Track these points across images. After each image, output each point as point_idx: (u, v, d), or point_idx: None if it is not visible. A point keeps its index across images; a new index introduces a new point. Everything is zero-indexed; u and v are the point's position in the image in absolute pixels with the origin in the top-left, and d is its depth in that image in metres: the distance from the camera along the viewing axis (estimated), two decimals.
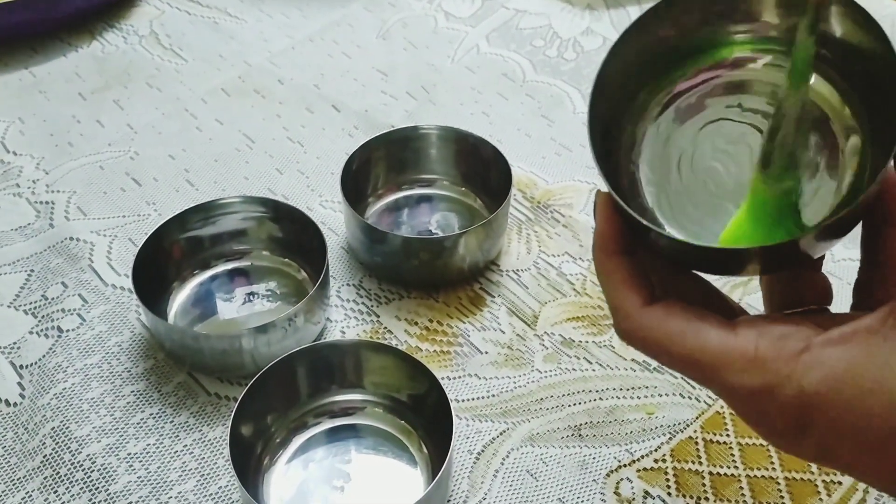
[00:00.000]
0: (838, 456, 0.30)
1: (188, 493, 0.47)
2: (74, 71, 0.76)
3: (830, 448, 0.30)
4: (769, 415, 0.31)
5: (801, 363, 0.30)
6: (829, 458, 0.31)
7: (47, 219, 0.62)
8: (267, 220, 0.58)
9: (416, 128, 0.63)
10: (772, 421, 0.31)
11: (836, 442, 0.30)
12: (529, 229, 0.62)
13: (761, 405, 0.31)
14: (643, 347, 0.34)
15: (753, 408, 0.31)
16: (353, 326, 0.56)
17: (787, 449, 0.32)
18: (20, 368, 0.53)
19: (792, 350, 0.30)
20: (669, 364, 0.34)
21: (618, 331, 0.35)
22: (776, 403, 0.30)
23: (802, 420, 0.30)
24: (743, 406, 0.32)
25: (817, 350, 0.30)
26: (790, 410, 0.30)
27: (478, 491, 0.48)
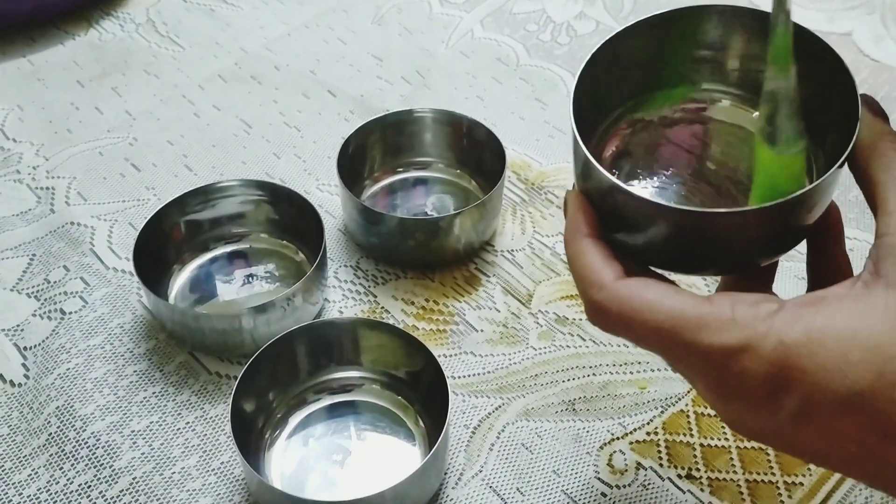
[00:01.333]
0: (815, 419, 0.29)
1: (191, 469, 0.48)
2: (72, 59, 0.76)
3: (808, 408, 0.29)
4: (746, 374, 0.30)
5: (779, 320, 0.30)
6: (804, 426, 0.30)
7: (48, 204, 0.63)
8: (265, 203, 0.59)
9: (411, 111, 0.63)
10: (749, 383, 0.30)
11: (816, 398, 0.29)
12: (524, 210, 0.63)
13: (740, 364, 0.30)
14: (618, 318, 0.33)
15: (729, 370, 0.30)
16: (350, 306, 0.57)
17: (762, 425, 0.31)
18: (24, 350, 0.54)
19: (768, 310, 0.30)
20: (643, 335, 0.32)
21: (592, 306, 0.34)
22: (755, 359, 0.29)
23: (782, 375, 0.29)
24: (718, 372, 0.31)
25: (792, 309, 0.30)
26: (769, 364, 0.29)
27: (474, 464, 0.49)
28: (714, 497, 0.47)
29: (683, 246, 0.35)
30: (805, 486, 0.48)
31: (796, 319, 0.29)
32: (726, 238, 0.34)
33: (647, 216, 0.34)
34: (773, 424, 0.30)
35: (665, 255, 0.36)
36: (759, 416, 0.31)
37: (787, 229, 0.35)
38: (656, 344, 0.32)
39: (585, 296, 0.34)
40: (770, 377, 0.29)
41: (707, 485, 0.48)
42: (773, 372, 0.29)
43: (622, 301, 0.32)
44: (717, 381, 0.31)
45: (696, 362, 0.31)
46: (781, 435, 0.31)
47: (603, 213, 0.36)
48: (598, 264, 0.34)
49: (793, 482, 0.48)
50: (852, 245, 0.59)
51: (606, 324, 0.34)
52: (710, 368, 0.31)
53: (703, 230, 0.34)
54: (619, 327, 0.33)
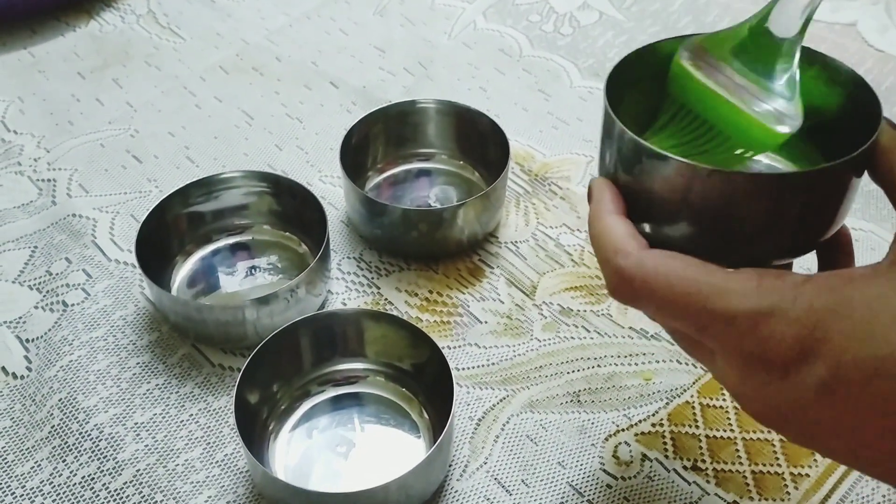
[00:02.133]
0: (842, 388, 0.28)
1: (195, 461, 0.48)
2: (73, 50, 0.76)
3: (837, 376, 0.28)
4: (774, 338, 0.29)
5: (807, 287, 0.29)
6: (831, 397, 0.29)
7: (49, 196, 0.63)
8: (268, 195, 0.58)
9: (414, 102, 0.63)
10: (775, 348, 0.29)
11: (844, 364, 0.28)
12: (527, 202, 0.63)
13: (768, 327, 0.29)
14: (642, 284, 0.32)
15: (756, 334, 0.30)
16: (354, 298, 0.56)
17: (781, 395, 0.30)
18: (26, 342, 0.54)
19: (795, 281, 0.30)
20: (667, 302, 0.32)
21: (616, 273, 0.33)
22: (783, 321, 0.29)
23: (810, 338, 0.29)
24: (744, 338, 0.30)
25: (820, 280, 0.30)
26: (798, 327, 0.29)
27: (479, 455, 0.48)
28: (720, 488, 0.47)
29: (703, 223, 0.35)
30: (811, 478, 0.47)
31: (825, 288, 0.29)
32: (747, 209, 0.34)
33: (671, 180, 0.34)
34: (796, 396, 0.30)
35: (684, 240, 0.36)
36: (783, 387, 0.30)
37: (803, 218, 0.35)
38: (681, 311, 0.32)
39: (610, 264, 0.34)
40: (799, 340, 0.29)
41: (713, 476, 0.48)
42: (802, 335, 0.29)
43: (647, 268, 0.32)
44: (742, 348, 0.30)
45: (721, 329, 0.31)
46: (803, 410, 0.30)
47: (626, 198, 0.36)
48: (624, 236, 0.34)
49: (799, 473, 0.48)
50: (857, 235, 0.59)
51: (630, 291, 0.33)
52: (735, 334, 0.30)
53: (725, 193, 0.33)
54: (642, 295, 0.33)
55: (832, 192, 0.35)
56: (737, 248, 0.36)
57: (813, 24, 0.37)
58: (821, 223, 0.36)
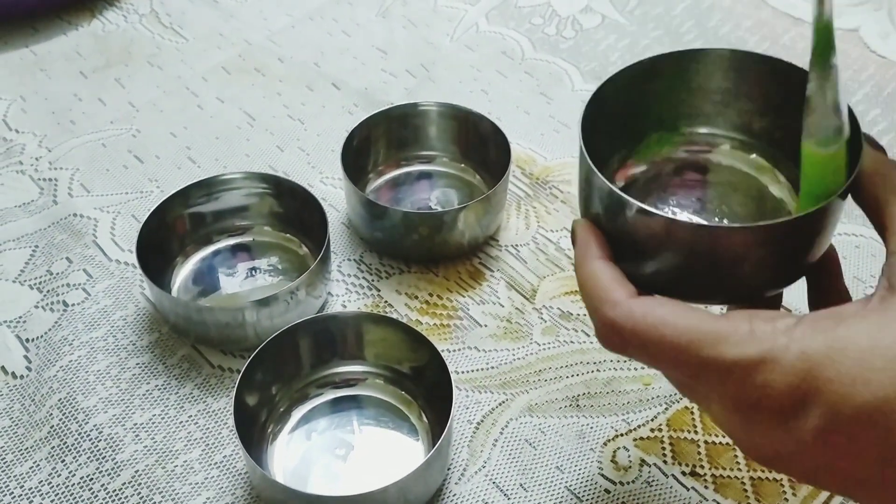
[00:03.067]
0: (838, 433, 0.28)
1: (193, 462, 0.48)
2: (75, 49, 0.76)
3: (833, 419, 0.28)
4: (769, 387, 0.29)
5: (799, 332, 0.29)
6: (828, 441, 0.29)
7: (51, 195, 0.63)
8: (269, 196, 0.59)
9: (415, 104, 0.63)
10: (771, 396, 0.29)
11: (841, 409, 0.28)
12: (528, 205, 0.63)
13: (762, 376, 0.29)
14: (632, 334, 0.32)
15: (751, 384, 0.29)
16: (354, 300, 0.56)
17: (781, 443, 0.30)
18: (26, 342, 0.54)
19: (787, 324, 0.30)
20: (659, 351, 0.32)
21: (605, 324, 0.33)
22: (777, 370, 0.29)
23: (805, 386, 0.28)
24: (739, 387, 0.30)
25: (811, 322, 0.30)
26: (792, 375, 0.29)
27: (477, 459, 0.48)
28: (718, 494, 0.47)
29: (691, 267, 0.35)
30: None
31: (817, 331, 0.29)
32: (735, 256, 0.34)
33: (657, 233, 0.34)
34: (795, 441, 0.29)
35: (672, 281, 0.36)
36: (780, 434, 0.30)
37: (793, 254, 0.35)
38: (672, 361, 0.32)
39: (598, 313, 0.33)
40: (793, 388, 0.29)
41: (711, 482, 0.48)
42: (796, 383, 0.29)
43: (636, 318, 0.32)
44: (737, 396, 0.30)
45: (714, 378, 0.30)
46: (802, 455, 0.30)
47: (611, 240, 0.36)
48: (611, 283, 0.34)
49: None
50: (858, 242, 0.59)
51: (620, 341, 0.33)
52: (730, 383, 0.30)
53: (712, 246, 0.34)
54: (633, 345, 0.33)
55: (819, 228, 0.35)
56: (725, 287, 0.36)
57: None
58: (808, 255, 0.36)
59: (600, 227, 0.37)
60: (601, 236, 0.36)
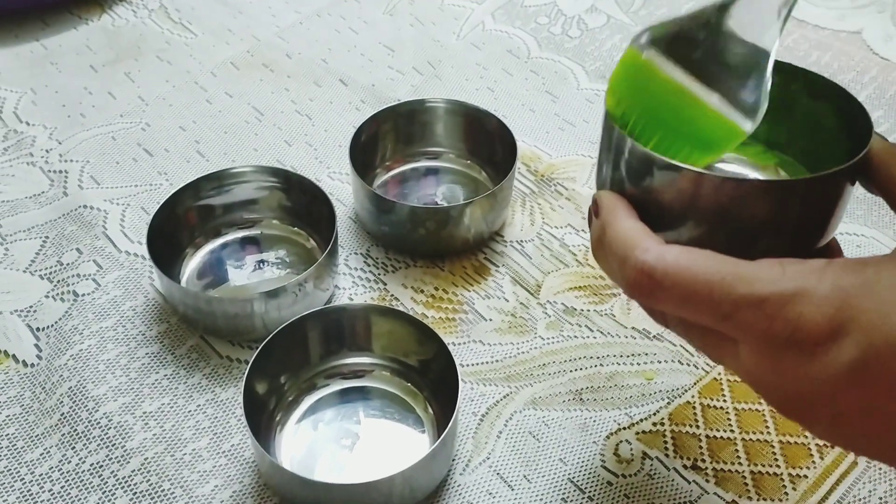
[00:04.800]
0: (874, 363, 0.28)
1: (202, 451, 0.49)
2: (85, 44, 0.77)
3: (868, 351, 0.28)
4: (803, 318, 0.29)
5: (832, 269, 0.30)
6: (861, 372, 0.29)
7: (61, 187, 0.64)
8: (278, 190, 0.59)
9: (423, 101, 0.64)
10: (805, 328, 0.29)
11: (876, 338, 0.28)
12: (533, 202, 0.63)
13: (796, 309, 0.29)
14: (664, 276, 0.32)
15: (786, 315, 0.30)
16: (360, 294, 0.57)
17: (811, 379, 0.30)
18: (37, 331, 0.54)
19: (818, 264, 0.30)
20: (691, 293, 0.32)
21: (636, 268, 0.33)
22: (813, 301, 0.29)
23: (841, 316, 0.29)
24: (773, 320, 0.30)
25: (841, 263, 0.30)
26: (828, 307, 0.29)
27: (482, 451, 0.49)
28: (719, 488, 0.48)
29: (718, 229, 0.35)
30: (809, 479, 0.48)
31: (847, 270, 0.30)
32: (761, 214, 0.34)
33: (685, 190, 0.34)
34: (826, 377, 0.29)
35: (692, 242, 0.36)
36: (812, 369, 0.30)
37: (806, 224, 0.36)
38: (705, 300, 0.31)
39: (629, 260, 0.33)
40: (828, 318, 0.29)
41: (712, 475, 0.48)
42: (830, 313, 0.29)
43: (668, 260, 0.32)
44: (770, 332, 0.30)
45: (748, 314, 0.30)
46: (832, 394, 0.30)
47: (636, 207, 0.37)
48: (642, 234, 0.34)
49: (797, 474, 0.48)
50: (860, 241, 0.60)
51: (651, 284, 0.33)
52: (763, 318, 0.30)
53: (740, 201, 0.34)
54: (665, 286, 0.32)
55: (829, 199, 0.36)
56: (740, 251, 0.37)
57: (818, 32, 0.38)
58: (818, 229, 0.37)
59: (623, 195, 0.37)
60: (627, 202, 0.36)
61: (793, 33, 0.78)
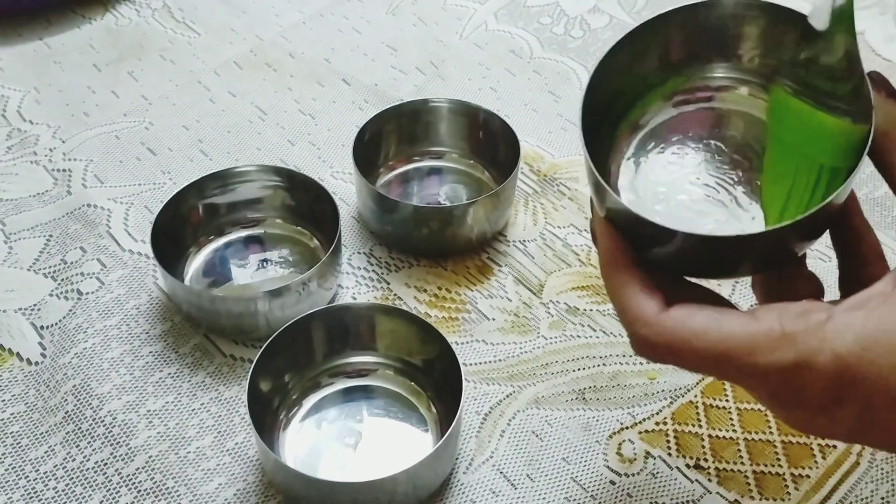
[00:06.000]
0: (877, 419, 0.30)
1: (206, 448, 0.49)
2: (89, 43, 0.77)
3: (870, 412, 0.30)
4: (805, 389, 0.30)
5: (830, 330, 0.30)
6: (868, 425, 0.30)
7: (65, 186, 0.64)
8: (281, 189, 0.59)
9: (426, 101, 0.64)
10: (808, 395, 0.30)
11: (876, 401, 0.29)
12: (536, 201, 0.64)
13: (797, 380, 0.30)
14: (666, 350, 0.33)
15: (789, 385, 0.31)
16: (363, 293, 0.57)
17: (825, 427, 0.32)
18: (41, 329, 0.55)
19: (817, 321, 0.30)
20: (697, 363, 0.33)
21: (638, 341, 0.34)
22: (812, 374, 0.30)
23: (841, 385, 0.30)
24: (778, 388, 0.31)
25: (841, 316, 0.30)
26: (827, 378, 0.30)
27: (485, 450, 0.49)
28: (721, 487, 0.48)
29: (713, 260, 0.36)
30: (811, 479, 0.48)
31: (847, 328, 0.30)
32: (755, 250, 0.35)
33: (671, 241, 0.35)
34: (837, 426, 0.31)
35: (696, 268, 0.37)
36: (822, 420, 0.31)
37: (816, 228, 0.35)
38: (709, 369, 0.33)
39: (631, 330, 0.34)
40: (829, 389, 0.30)
41: (715, 475, 0.48)
42: (831, 385, 0.30)
43: (669, 334, 0.32)
44: (776, 395, 0.32)
45: (752, 382, 0.32)
46: (847, 432, 0.32)
47: (631, 236, 0.36)
48: (640, 298, 0.34)
49: (799, 474, 0.48)
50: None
51: (655, 356, 0.34)
52: (768, 386, 0.31)
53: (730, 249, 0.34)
54: (668, 358, 0.33)
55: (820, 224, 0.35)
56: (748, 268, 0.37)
57: None
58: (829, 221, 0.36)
59: (616, 224, 0.36)
60: (620, 239, 0.36)
61: None
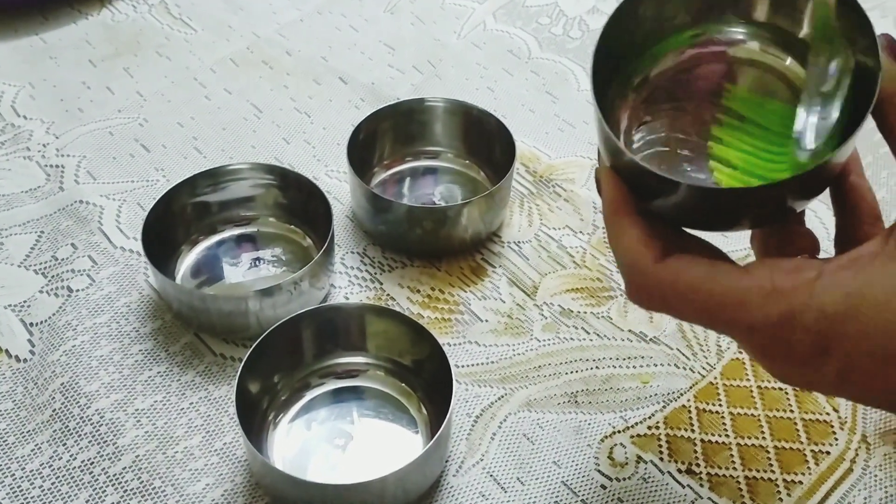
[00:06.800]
0: (858, 374, 0.31)
1: (194, 448, 0.49)
2: (84, 38, 0.77)
3: (851, 367, 0.31)
4: (791, 343, 0.31)
5: (819, 287, 0.31)
6: (849, 380, 0.31)
7: (57, 182, 0.64)
8: (274, 188, 0.59)
9: (422, 100, 0.63)
10: (794, 349, 0.31)
11: (857, 359, 0.30)
12: (531, 202, 0.63)
13: (784, 333, 0.31)
14: (661, 300, 0.34)
15: (776, 339, 0.32)
16: (356, 293, 0.57)
17: (808, 380, 0.33)
18: (30, 326, 0.54)
19: (806, 278, 0.31)
20: (690, 312, 0.34)
21: (633, 288, 0.35)
22: (799, 328, 0.31)
23: (825, 341, 0.31)
24: (765, 341, 0.32)
25: (830, 274, 0.31)
26: (812, 333, 0.31)
27: (475, 452, 0.49)
28: (713, 493, 0.47)
29: (714, 213, 0.36)
30: (804, 485, 0.48)
31: (835, 285, 0.31)
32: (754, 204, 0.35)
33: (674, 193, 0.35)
34: (819, 379, 0.32)
35: (697, 220, 0.37)
36: (806, 373, 0.32)
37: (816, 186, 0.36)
38: (700, 320, 0.34)
39: (628, 278, 0.35)
40: (813, 345, 0.31)
41: (706, 480, 0.48)
42: (815, 341, 0.31)
43: (664, 285, 0.34)
44: (763, 347, 0.33)
45: (741, 335, 0.33)
46: (828, 386, 0.32)
47: (635, 187, 0.36)
48: (638, 247, 0.35)
49: (792, 480, 0.48)
50: None
51: (649, 304, 0.35)
52: (755, 338, 0.32)
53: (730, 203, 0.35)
54: (661, 308, 0.35)
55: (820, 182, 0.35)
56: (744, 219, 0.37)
57: None
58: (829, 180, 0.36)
59: (621, 175, 0.37)
60: (624, 188, 0.37)
61: None
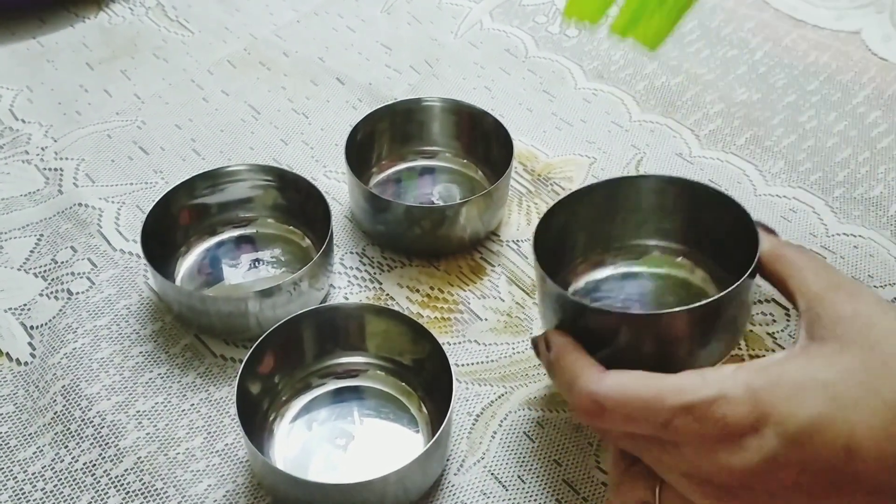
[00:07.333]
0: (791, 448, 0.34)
1: (195, 450, 0.49)
2: (82, 41, 0.77)
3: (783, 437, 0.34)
4: (727, 417, 0.35)
5: (743, 372, 0.37)
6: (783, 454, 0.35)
7: (56, 185, 0.64)
8: (273, 189, 0.59)
9: (419, 100, 0.64)
10: (730, 423, 0.35)
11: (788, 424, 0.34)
12: (529, 201, 0.63)
13: (720, 410, 0.36)
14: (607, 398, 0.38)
15: (713, 416, 0.36)
16: (355, 293, 0.57)
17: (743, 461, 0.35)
18: (31, 329, 0.54)
19: (730, 370, 0.37)
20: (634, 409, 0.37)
21: (583, 396, 0.39)
22: (732, 402, 0.35)
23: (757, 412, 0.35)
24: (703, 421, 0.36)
25: (749, 366, 0.37)
26: (745, 405, 0.35)
27: (476, 451, 0.49)
28: None
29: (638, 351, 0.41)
30: None
31: (757, 371, 0.36)
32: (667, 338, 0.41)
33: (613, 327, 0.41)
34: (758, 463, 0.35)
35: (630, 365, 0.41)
36: (746, 458, 0.35)
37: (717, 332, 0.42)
38: (644, 415, 0.37)
39: (576, 388, 0.40)
40: (746, 415, 0.35)
41: None
42: (748, 410, 0.35)
43: (611, 385, 0.39)
44: (701, 431, 0.36)
45: (681, 421, 0.36)
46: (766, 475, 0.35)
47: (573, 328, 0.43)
48: (587, 365, 0.40)
49: None
50: (857, 242, 0.60)
51: (598, 408, 0.39)
52: (694, 420, 0.36)
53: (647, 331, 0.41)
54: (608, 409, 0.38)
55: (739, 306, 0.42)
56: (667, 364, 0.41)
57: (817, 32, 0.38)
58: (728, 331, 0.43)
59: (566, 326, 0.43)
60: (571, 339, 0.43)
61: (791, 33, 0.78)
